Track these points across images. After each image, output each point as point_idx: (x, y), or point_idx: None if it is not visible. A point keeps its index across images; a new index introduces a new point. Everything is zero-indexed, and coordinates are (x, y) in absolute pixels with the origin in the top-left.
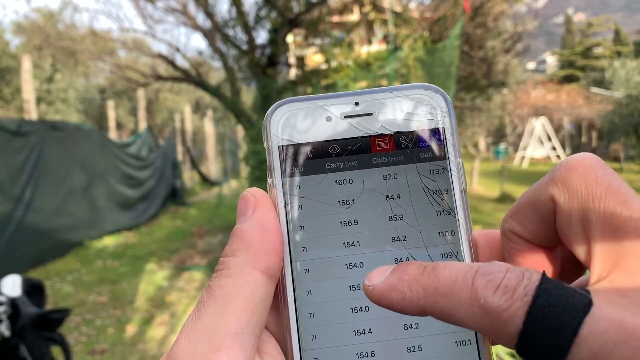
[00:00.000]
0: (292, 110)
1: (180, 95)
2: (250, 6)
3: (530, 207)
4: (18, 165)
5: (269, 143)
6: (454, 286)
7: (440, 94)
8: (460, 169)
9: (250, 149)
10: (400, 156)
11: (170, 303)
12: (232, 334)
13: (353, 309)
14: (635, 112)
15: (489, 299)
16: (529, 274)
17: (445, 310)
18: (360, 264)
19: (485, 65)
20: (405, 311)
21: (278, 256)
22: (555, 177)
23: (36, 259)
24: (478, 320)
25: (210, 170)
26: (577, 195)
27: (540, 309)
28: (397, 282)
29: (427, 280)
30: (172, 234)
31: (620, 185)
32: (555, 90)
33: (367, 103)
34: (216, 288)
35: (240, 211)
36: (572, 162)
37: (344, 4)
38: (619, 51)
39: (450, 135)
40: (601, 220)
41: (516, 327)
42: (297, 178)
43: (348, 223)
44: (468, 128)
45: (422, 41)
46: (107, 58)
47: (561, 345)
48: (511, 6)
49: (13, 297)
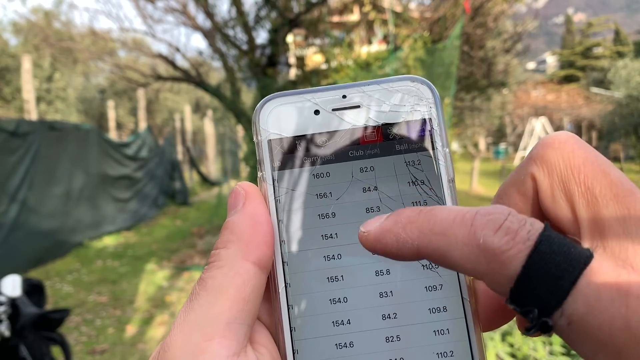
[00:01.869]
0: (280, 105)
1: (180, 95)
2: (250, 6)
3: (513, 189)
4: (17, 166)
5: (258, 137)
6: (452, 225)
7: (427, 85)
8: (448, 158)
9: (250, 149)
10: (388, 147)
11: (170, 303)
12: (224, 324)
13: (331, 300)
14: (635, 112)
15: (489, 238)
16: (532, 221)
17: (440, 250)
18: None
19: (485, 65)
20: (400, 254)
21: (269, 248)
22: (533, 155)
23: (36, 259)
24: (474, 261)
25: (210, 170)
26: (555, 169)
27: (542, 254)
28: (392, 225)
29: (423, 220)
30: (172, 234)
31: (596, 156)
32: (555, 90)
33: (354, 96)
34: (208, 279)
35: (231, 204)
36: (548, 140)
37: (344, 4)
38: (619, 51)
39: (437, 126)
40: (583, 190)
41: (514, 270)
42: (287, 171)
43: (337, 214)
44: (468, 128)
45: (422, 41)
46: (107, 58)
47: (558, 293)
48: (511, 6)
49: (13, 297)
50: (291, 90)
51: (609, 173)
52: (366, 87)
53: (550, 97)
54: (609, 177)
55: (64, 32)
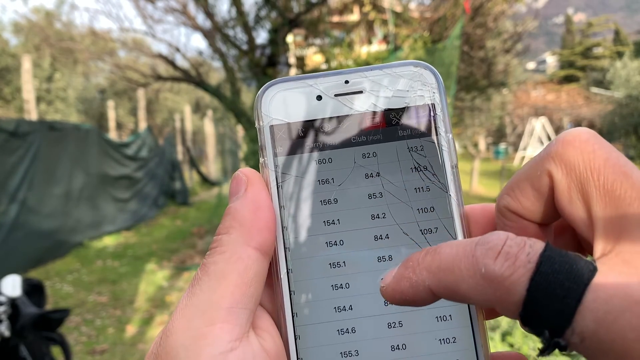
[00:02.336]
0: (282, 90)
1: (180, 95)
2: (250, 6)
3: (526, 184)
4: (17, 166)
5: (260, 123)
6: (455, 260)
7: (430, 70)
8: (451, 144)
9: (250, 149)
10: (390, 133)
11: (170, 303)
12: (226, 309)
13: (333, 286)
14: (635, 112)
15: (489, 267)
16: (531, 242)
17: (449, 286)
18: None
19: (485, 65)
20: (416, 298)
21: (271, 233)
22: (551, 152)
23: (36, 259)
24: (481, 292)
25: (210, 170)
26: (575, 170)
27: (544, 276)
28: (403, 270)
29: (429, 260)
30: (172, 234)
31: (618, 157)
32: (555, 90)
33: (357, 81)
34: (210, 265)
35: (233, 190)
36: (569, 137)
37: (344, 4)
38: (619, 51)
39: (440, 111)
40: (601, 192)
41: (519, 295)
42: (289, 157)
43: (340, 200)
44: (468, 128)
45: (422, 41)
46: (107, 58)
47: (565, 312)
48: (511, 6)
49: (13, 297)
50: (293, 75)
51: (630, 175)
52: (369, 72)
53: (550, 97)
54: (630, 180)
55: (64, 32)
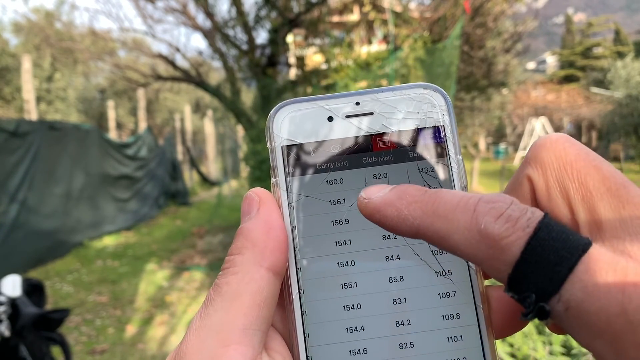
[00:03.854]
0: (294, 111)
1: (180, 95)
2: (250, 6)
3: (512, 193)
4: (17, 166)
5: (272, 143)
6: (455, 209)
7: (440, 92)
8: (461, 166)
9: (250, 149)
10: (401, 154)
11: (170, 303)
12: (240, 330)
13: (345, 307)
14: (635, 112)
15: (489, 224)
16: (532, 210)
17: (439, 232)
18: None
19: (485, 65)
20: (398, 228)
21: (283, 254)
22: (527, 157)
23: (36, 259)
24: (474, 246)
25: (210, 170)
26: (549, 168)
27: (540, 241)
28: (395, 199)
29: (427, 200)
30: (172, 234)
31: (587, 152)
32: (555, 90)
33: (367, 103)
34: (223, 285)
35: (245, 210)
36: (540, 141)
37: (344, 4)
38: (619, 51)
39: (450, 133)
40: (577, 185)
41: (513, 256)
42: (300, 177)
43: (351, 221)
44: (468, 128)
45: (422, 41)
46: (107, 58)
47: (555, 279)
48: (511, 6)
49: (13, 297)
50: (305, 97)
51: (600, 167)
52: (379, 94)
53: (550, 97)
54: (601, 172)
55: (64, 32)
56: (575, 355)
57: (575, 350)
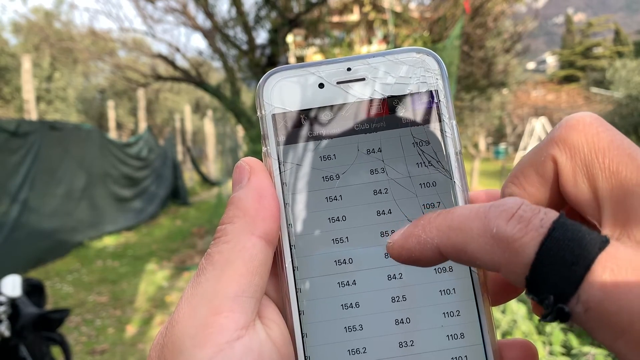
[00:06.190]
0: (284, 78)
1: (180, 95)
2: (250, 6)
3: (531, 170)
4: (18, 166)
5: (262, 111)
6: (467, 220)
7: (433, 56)
8: (455, 130)
9: (250, 149)
10: (394, 120)
11: (170, 303)
12: (231, 297)
13: (340, 283)
14: (635, 112)
15: (501, 227)
16: (546, 210)
17: (457, 245)
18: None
19: (485, 65)
20: (424, 256)
21: (275, 222)
22: (555, 137)
23: (36, 259)
24: (490, 252)
25: (210, 170)
26: (579, 153)
27: (555, 241)
28: (413, 229)
29: (441, 219)
30: (172, 234)
31: (622, 139)
32: (555, 90)
33: (359, 68)
34: (215, 254)
35: (236, 180)
36: (572, 121)
37: (344, 4)
38: (619, 51)
39: (443, 98)
40: (607, 174)
41: (528, 258)
42: (292, 145)
43: (344, 196)
44: (468, 128)
45: (422, 41)
46: (107, 58)
47: (572, 279)
48: (511, 6)
49: (13, 297)
50: (295, 64)
51: (636, 157)
52: (371, 60)
53: (550, 97)
54: (635, 162)
55: (64, 32)
56: (575, 355)
57: (576, 350)
